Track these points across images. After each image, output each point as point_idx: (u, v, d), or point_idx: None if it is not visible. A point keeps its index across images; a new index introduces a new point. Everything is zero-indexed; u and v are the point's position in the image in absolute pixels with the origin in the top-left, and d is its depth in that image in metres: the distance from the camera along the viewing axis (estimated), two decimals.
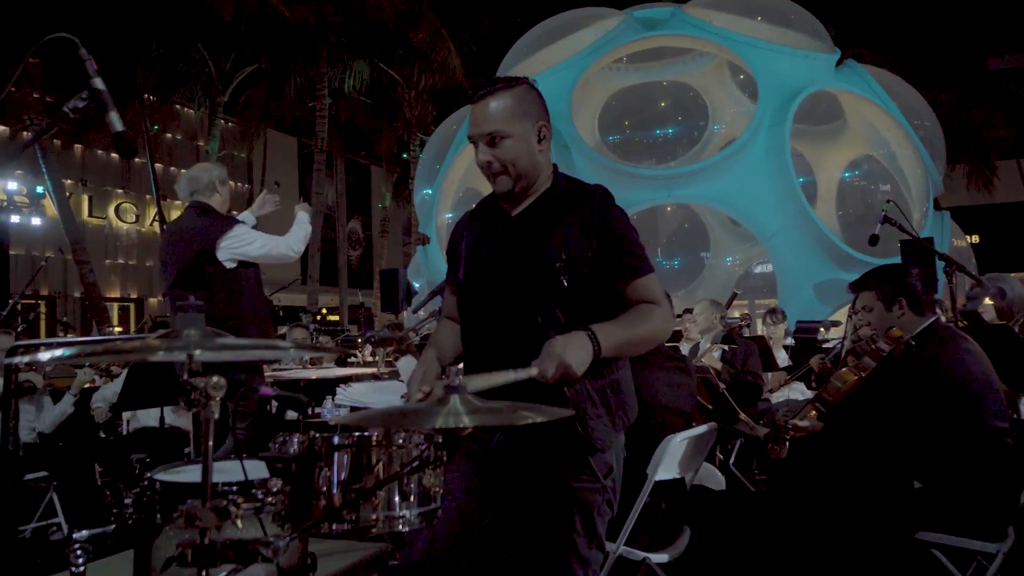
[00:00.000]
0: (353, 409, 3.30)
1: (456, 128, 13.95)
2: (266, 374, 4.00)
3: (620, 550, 2.61)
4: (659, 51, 13.86)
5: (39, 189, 15.27)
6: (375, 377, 4.22)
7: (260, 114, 17.92)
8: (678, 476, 2.95)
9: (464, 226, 1.98)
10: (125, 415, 5.45)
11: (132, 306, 21.83)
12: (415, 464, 1.16)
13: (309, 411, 3.13)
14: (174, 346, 1.13)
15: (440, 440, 1.29)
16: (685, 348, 5.98)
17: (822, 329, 7.66)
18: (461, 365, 1.31)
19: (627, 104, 15.26)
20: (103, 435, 5.68)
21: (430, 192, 14.23)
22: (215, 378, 1.21)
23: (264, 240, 3.84)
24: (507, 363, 1.63)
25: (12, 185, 13.02)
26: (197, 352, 1.11)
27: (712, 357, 4.97)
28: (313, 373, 4.42)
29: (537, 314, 1.74)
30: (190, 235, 3.76)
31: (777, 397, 5.58)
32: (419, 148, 17.87)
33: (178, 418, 5.28)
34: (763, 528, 3.94)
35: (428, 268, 13.10)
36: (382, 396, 3.39)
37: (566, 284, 1.73)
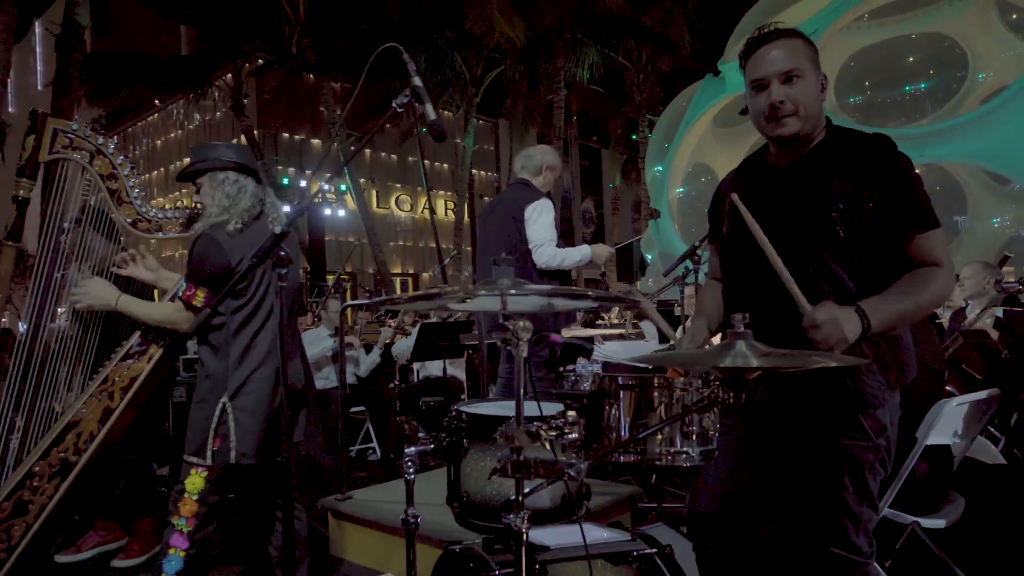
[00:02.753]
0: (606, 365, 3.34)
1: (686, 105, 13.36)
2: None
3: (885, 512, 2.36)
4: (908, 2, 11.90)
5: (342, 187, 17.72)
6: (622, 337, 4.28)
7: (505, 110, 18.84)
8: (950, 443, 2.58)
9: (728, 184, 1.86)
10: (415, 366, 6.16)
11: (410, 280, 24.52)
12: (703, 404, 1.15)
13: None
14: (492, 291, 1.23)
15: (720, 382, 1.24)
16: (945, 315, 5.17)
17: None
18: (747, 315, 1.23)
19: (867, 63, 13.31)
20: (397, 382, 6.48)
21: (660, 169, 13.85)
22: (523, 322, 1.31)
23: (547, 231, 3.60)
24: (773, 319, 1.52)
25: (325, 185, 15.22)
26: (511, 295, 1.19)
27: (984, 323, 4.23)
28: (566, 332, 4.59)
29: (809, 265, 1.58)
30: (506, 205, 3.74)
31: None
32: (647, 129, 17.47)
33: (456, 370, 5.85)
34: None
35: (660, 240, 12.83)
36: (633, 353, 3.41)
37: (843, 235, 1.55)
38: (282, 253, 1.63)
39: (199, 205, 2.38)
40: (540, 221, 3.58)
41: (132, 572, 3.27)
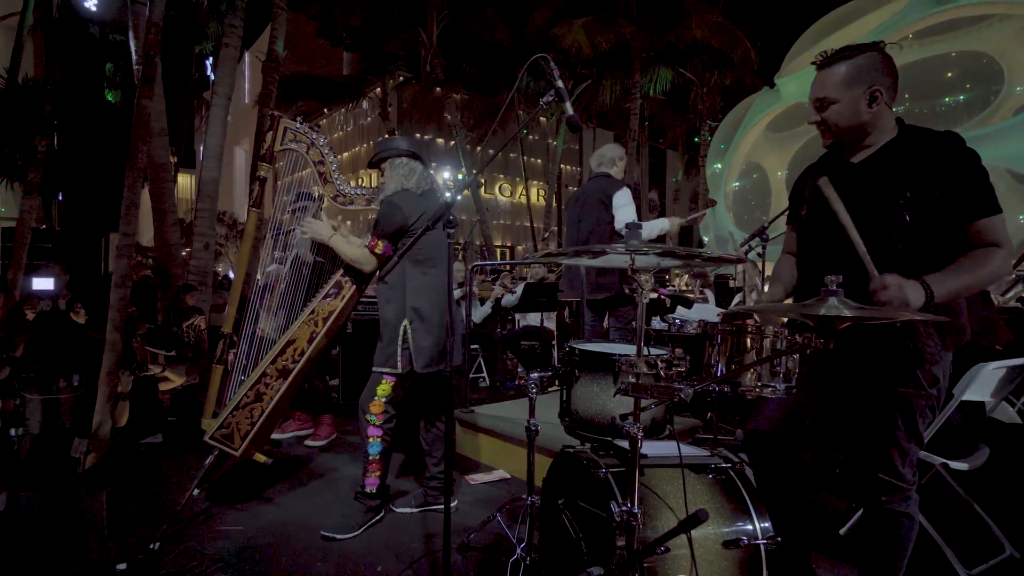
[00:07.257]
0: (680, 322, 3.21)
1: (743, 113, 12.51)
2: None
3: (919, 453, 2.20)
4: (951, 23, 10.44)
5: (459, 176, 18.02)
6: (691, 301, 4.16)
7: (590, 116, 18.33)
8: (983, 400, 2.36)
9: (807, 174, 1.75)
10: (517, 316, 6.27)
11: (508, 251, 24.74)
12: (795, 347, 1.11)
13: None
14: (620, 250, 1.23)
15: (810, 330, 1.19)
16: None
17: None
18: (840, 276, 1.16)
19: (908, 78, 11.87)
20: (502, 328, 6.61)
21: (719, 167, 13.10)
22: (644, 276, 1.31)
23: (633, 214, 3.48)
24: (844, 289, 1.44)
25: (447, 174, 15.51)
26: (643, 251, 1.19)
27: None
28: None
29: (877, 244, 1.46)
30: (595, 193, 3.60)
31: None
32: (708, 133, 16.51)
33: (549, 322, 5.90)
34: None
35: (715, 225, 12.23)
36: (701, 315, 3.32)
37: (908, 219, 1.44)
38: (451, 217, 1.70)
39: (383, 183, 2.50)
40: (626, 207, 3.53)
41: (318, 450, 3.60)
